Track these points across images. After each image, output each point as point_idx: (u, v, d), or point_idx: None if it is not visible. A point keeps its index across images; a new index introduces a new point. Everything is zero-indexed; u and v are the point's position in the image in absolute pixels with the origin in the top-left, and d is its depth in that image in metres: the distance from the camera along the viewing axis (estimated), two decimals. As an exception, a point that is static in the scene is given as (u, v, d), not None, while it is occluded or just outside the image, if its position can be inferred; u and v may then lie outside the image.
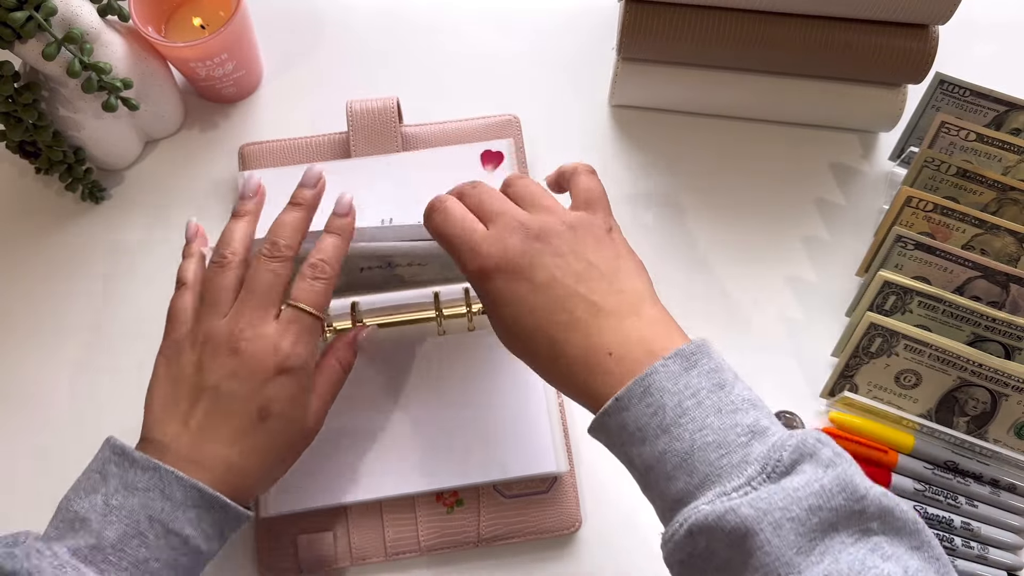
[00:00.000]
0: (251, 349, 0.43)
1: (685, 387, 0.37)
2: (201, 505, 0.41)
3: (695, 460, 0.36)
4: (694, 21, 0.58)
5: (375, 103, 0.61)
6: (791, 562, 0.32)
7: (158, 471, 0.40)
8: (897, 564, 0.32)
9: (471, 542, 0.53)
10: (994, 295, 0.56)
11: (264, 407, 0.43)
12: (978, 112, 0.61)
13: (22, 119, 0.56)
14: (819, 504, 0.33)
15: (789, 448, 0.35)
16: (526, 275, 0.41)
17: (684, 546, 0.35)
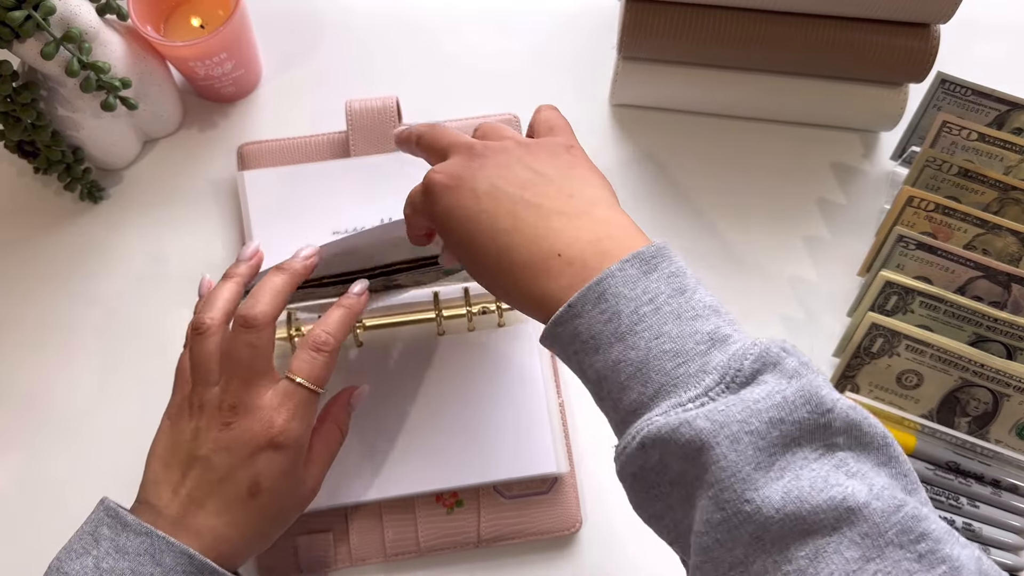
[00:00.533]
0: (243, 424, 0.42)
1: (643, 292, 0.35)
2: (191, 571, 0.40)
3: (650, 369, 0.34)
4: (695, 20, 0.58)
5: (375, 102, 0.60)
6: (748, 478, 0.30)
7: (150, 536, 0.40)
8: (862, 481, 0.30)
9: (471, 543, 0.53)
10: (996, 295, 0.56)
11: (254, 483, 0.42)
12: (980, 111, 0.61)
13: (20, 118, 0.56)
14: (781, 417, 0.31)
15: (751, 357, 0.33)
16: (468, 186, 0.40)
17: (636, 459, 0.34)
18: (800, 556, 0.29)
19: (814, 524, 0.30)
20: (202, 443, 0.43)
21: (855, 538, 0.29)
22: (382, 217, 0.58)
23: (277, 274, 0.46)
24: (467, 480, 0.53)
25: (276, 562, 0.53)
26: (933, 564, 0.29)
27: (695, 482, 0.32)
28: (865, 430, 0.32)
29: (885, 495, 0.30)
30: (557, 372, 0.57)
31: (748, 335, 0.35)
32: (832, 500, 0.30)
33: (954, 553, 0.29)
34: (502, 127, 0.44)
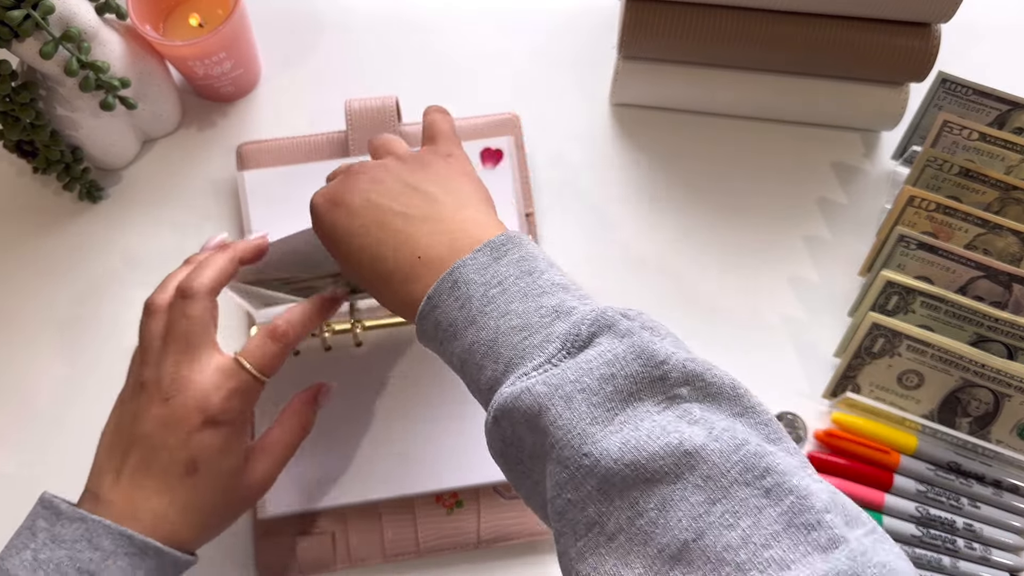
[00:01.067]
0: (180, 399, 0.42)
1: (492, 276, 0.36)
2: (133, 552, 0.40)
3: (499, 345, 0.35)
4: (695, 19, 0.58)
5: (374, 102, 0.60)
6: (584, 432, 0.31)
7: (85, 521, 0.40)
8: (703, 427, 0.31)
9: (471, 543, 0.53)
10: (997, 295, 0.56)
11: (191, 460, 0.42)
12: (981, 111, 0.61)
13: (19, 118, 0.56)
14: (612, 372, 0.32)
15: (587, 322, 0.34)
16: (344, 202, 0.42)
17: (495, 435, 0.35)
18: (650, 508, 0.30)
19: (655, 472, 0.30)
20: (142, 422, 0.42)
21: (697, 481, 0.30)
22: None
23: (221, 252, 0.46)
24: (466, 480, 0.53)
25: (275, 563, 0.53)
26: (781, 496, 0.29)
27: (544, 450, 0.33)
28: (709, 380, 0.32)
29: (725, 436, 0.30)
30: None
31: (593, 305, 0.36)
32: (668, 446, 0.30)
33: (802, 484, 0.29)
34: (391, 142, 0.46)
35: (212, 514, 0.43)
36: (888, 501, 0.53)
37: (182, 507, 0.42)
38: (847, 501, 0.30)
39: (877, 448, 0.54)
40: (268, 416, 0.55)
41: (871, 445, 0.54)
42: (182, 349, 0.43)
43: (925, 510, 0.54)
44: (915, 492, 0.54)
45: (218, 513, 0.44)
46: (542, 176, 0.63)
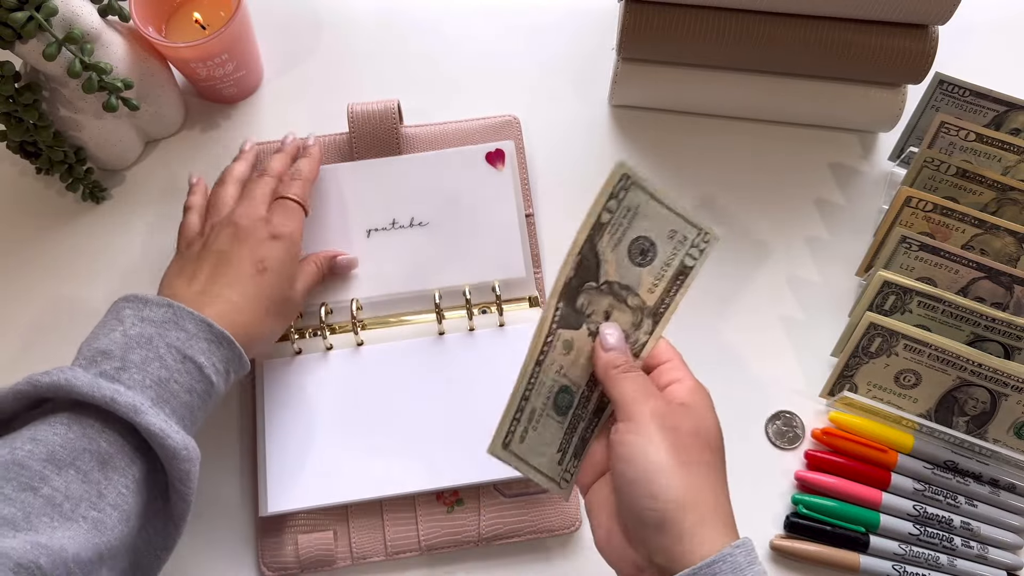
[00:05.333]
0: (247, 222, 0.51)
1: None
2: (211, 339, 0.46)
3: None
4: (694, 21, 0.58)
5: (376, 106, 0.60)
6: None
7: (171, 307, 0.46)
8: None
9: (471, 541, 0.53)
10: (998, 296, 0.56)
11: (260, 261, 0.50)
12: (978, 112, 0.61)
13: (23, 119, 0.57)
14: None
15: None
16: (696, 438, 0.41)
17: None
18: None
19: None
20: (214, 242, 0.51)
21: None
22: (393, 218, 0.58)
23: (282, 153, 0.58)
24: (467, 479, 0.53)
25: (277, 560, 0.53)
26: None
27: None
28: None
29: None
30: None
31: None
32: None
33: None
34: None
35: (270, 309, 0.51)
36: (885, 500, 0.54)
37: (248, 298, 0.49)
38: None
39: (875, 447, 0.55)
40: (273, 419, 0.55)
41: (869, 444, 0.55)
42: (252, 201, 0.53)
43: (922, 508, 0.54)
44: (912, 491, 0.54)
45: (274, 309, 0.51)
46: (542, 177, 0.63)
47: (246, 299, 0.49)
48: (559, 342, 0.42)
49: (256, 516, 0.54)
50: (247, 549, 0.54)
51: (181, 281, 0.49)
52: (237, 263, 0.50)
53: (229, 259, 0.50)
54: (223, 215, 0.52)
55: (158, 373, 0.44)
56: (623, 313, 0.43)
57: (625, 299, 0.43)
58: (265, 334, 0.51)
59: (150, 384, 0.43)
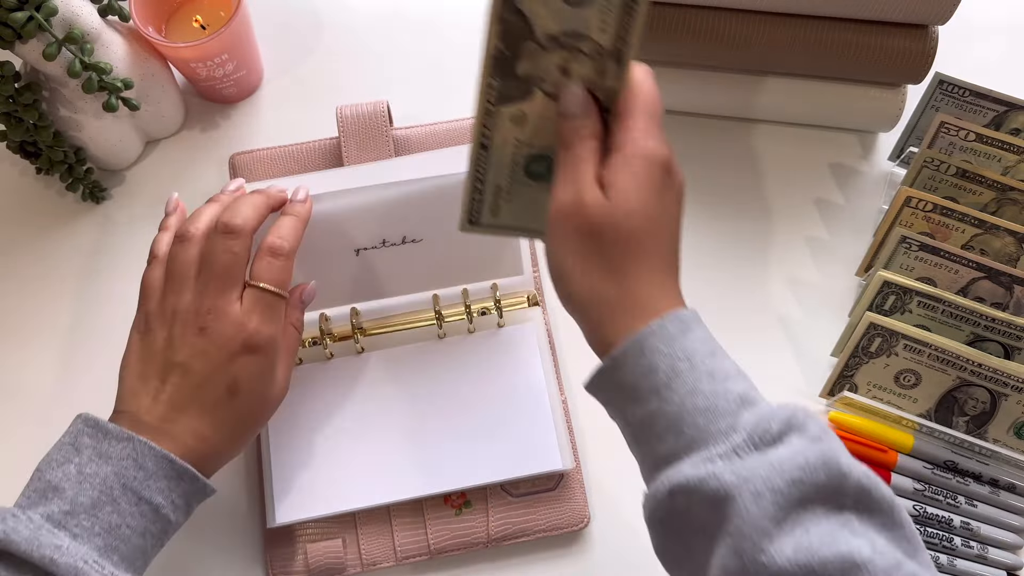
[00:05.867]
0: (218, 328, 0.44)
1: (680, 350, 0.37)
2: (172, 476, 0.42)
3: (684, 424, 0.36)
4: (694, 22, 0.58)
5: (365, 107, 0.60)
6: (764, 530, 0.33)
7: (132, 441, 0.42)
8: (865, 539, 0.33)
9: (481, 543, 0.53)
10: (998, 296, 0.56)
11: (232, 384, 0.44)
12: (977, 112, 0.61)
13: (23, 119, 0.57)
14: (801, 478, 0.33)
15: (778, 420, 0.35)
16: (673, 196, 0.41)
17: (664, 505, 0.36)
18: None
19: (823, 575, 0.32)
20: (178, 350, 0.44)
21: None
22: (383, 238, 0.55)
23: (258, 194, 0.48)
24: (474, 480, 0.53)
25: (286, 570, 0.53)
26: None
27: (716, 531, 0.34)
28: (875, 496, 0.34)
29: (887, 552, 0.32)
30: (559, 370, 0.57)
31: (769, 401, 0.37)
32: (839, 554, 0.32)
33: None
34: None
35: (244, 434, 0.46)
36: (885, 499, 0.54)
37: (222, 427, 0.45)
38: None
39: (874, 447, 0.55)
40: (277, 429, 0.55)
41: (868, 444, 0.55)
42: (221, 283, 0.45)
43: (923, 508, 0.54)
44: (912, 491, 0.54)
45: (248, 432, 0.47)
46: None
47: (216, 427, 0.44)
48: (504, 120, 0.40)
49: (263, 527, 0.54)
50: (256, 560, 0.54)
51: (144, 400, 0.44)
52: (204, 385, 0.44)
53: (195, 378, 0.44)
54: (185, 303, 0.45)
55: (109, 519, 0.40)
56: (582, 64, 0.39)
57: (579, 47, 0.39)
58: (239, 450, 0.47)
59: (99, 532, 0.40)
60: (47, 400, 0.58)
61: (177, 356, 0.44)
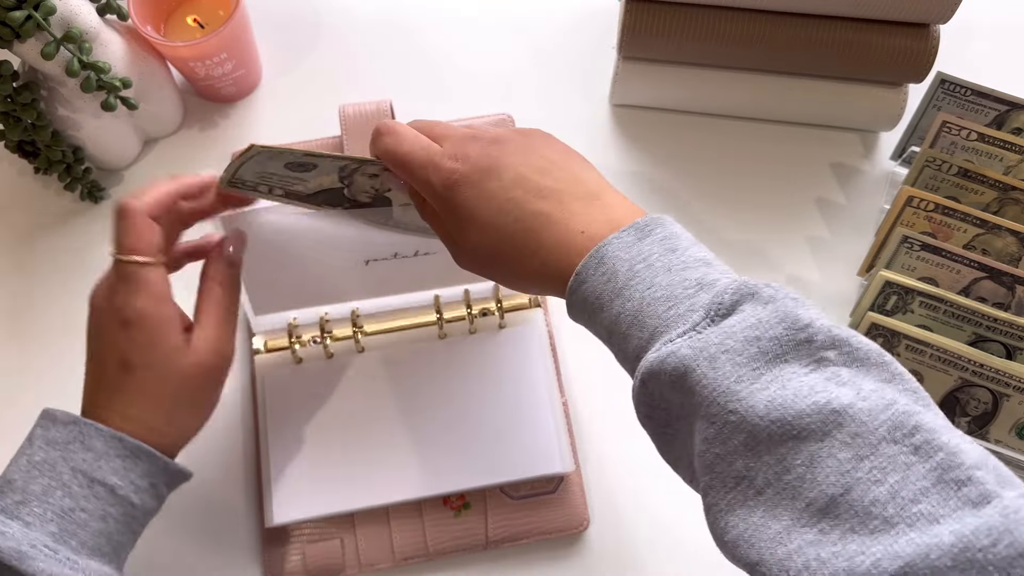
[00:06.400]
0: (97, 307, 0.44)
1: (637, 253, 0.38)
2: (125, 455, 0.41)
3: (645, 316, 0.36)
4: (695, 20, 0.58)
5: (368, 106, 0.60)
6: (729, 390, 0.32)
7: (77, 424, 0.42)
8: (851, 388, 0.31)
9: (479, 545, 0.53)
10: (1000, 296, 0.56)
11: (122, 361, 0.43)
12: (979, 112, 0.61)
13: (21, 118, 0.56)
14: (756, 335, 0.33)
15: (730, 291, 0.35)
16: (494, 175, 0.41)
17: (642, 399, 0.36)
18: (797, 464, 0.31)
19: (802, 429, 0.31)
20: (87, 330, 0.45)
21: (845, 439, 0.30)
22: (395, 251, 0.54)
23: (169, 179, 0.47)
24: (473, 482, 0.53)
25: (284, 570, 0.53)
26: (930, 453, 0.29)
27: (690, 409, 0.34)
28: (856, 346, 0.33)
29: (873, 396, 0.31)
30: (559, 372, 0.57)
31: (735, 277, 0.37)
32: (815, 404, 0.31)
33: (952, 441, 0.29)
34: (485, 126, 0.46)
35: (172, 403, 0.44)
36: (887, 500, 0.54)
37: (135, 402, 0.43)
38: (1000, 464, 0.30)
39: (876, 447, 0.54)
40: (276, 428, 0.55)
41: (870, 444, 0.55)
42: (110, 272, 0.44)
43: (924, 509, 0.54)
44: (914, 491, 0.54)
45: (174, 400, 0.44)
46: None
47: (134, 405, 0.43)
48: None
49: (261, 526, 0.53)
50: (254, 560, 0.54)
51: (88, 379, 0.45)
52: (102, 364, 0.43)
53: (95, 361, 0.44)
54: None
55: (61, 503, 0.40)
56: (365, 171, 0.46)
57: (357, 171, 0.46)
58: (191, 426, 0.45)
59: (52, 517, 0.39)
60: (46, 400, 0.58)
61: (87, 336, 0.45)
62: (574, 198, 0.41)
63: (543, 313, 0.57)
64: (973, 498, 0.28)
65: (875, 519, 0.28)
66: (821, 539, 0.29)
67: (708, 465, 0.33)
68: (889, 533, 0.28)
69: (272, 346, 0.55)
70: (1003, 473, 0.29)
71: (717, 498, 0.33)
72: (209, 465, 0.55)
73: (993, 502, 0.27)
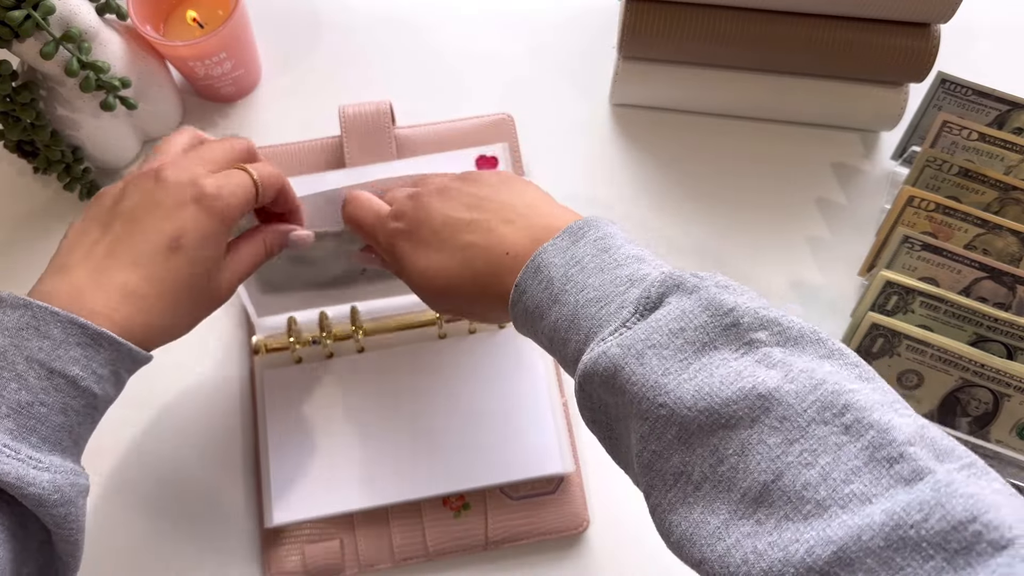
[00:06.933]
0: (174, 177, 0.41)
1: (571, 257, 0.38)
2: (86, 343, 0.37)
3: (579, 318, 0.36)
4: (695, 20, 0.58)
5: (368, 107, 0.60)
6: (657, 384, 0.32)
7: (29, 307, 0.37)
8: (780, 370, 0.31)
9: (479, 545, 0.53)
10: (1001, 296, 0.56)
11: (175, 236, 0.40)
12: (980, 111, 0.61)
13: (20, 118, 0.56)
14: (681, 326, 0.33)
15: (656, 284, 0.35)
16: (425, 225, 0.43)
17: (583, 403, 0.36)
18: (730, 454, 0.30)
19: (730, 417, 0.30)
20: (128, 197, 0.41)
21: (773, 423, 0.30)
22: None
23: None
24: (473, 483, 0.53)
25: (283, 571, 0.52)
26: (860, 432, 0.29)
27: (624, 409, 0.34)
28: (786, 325, 0.32)
29: (801, 377, 0.30)
30: (559, 372, 0.57)
31: (665, 269, 0.37)
32: (741, 391, 0.30)
33: (884, 418, 0.29)
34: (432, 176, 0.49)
35: (179, 303, 0.41)
36: (888, 501, 0.53)
37: (153, 283, 0.39)
38: (939, 435, 0.29)
39: (877, 448, 0.54)
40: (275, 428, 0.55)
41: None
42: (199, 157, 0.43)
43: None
44: (915, 492, 0.54)
45: (184, 304, 0.41)
46: (542, 176, 0.63)
47: (150, 284, 0.39)
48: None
49: (261, 527, 0.53)
50: (253, 561, 0.53)
51: (79, 251, 0.40)
52: (146, 232, 0.40)
53: (138, 225, 0.40)
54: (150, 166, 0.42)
55: (17, 397, 0.35)
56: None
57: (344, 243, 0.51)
58: (173, 328, 0.42)
59: (7, 412, 0.35)
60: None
61: (125, 204, 0.40)
62: (501, 222, 0.42)
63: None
64: (906, 475, 0.27)
65: (808, 503, 0.28)
66: (758, 530, 0.29)
67: (647, 464, 0.33)
68: (822, 517, 0.28)
69: (272, 346, 0.55)
70: (941, 446, 0.29)
71: (660, 498, 0.33)
72: (209, 465, 0.55)
73: (926, 478, 0.27)
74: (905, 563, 0.26)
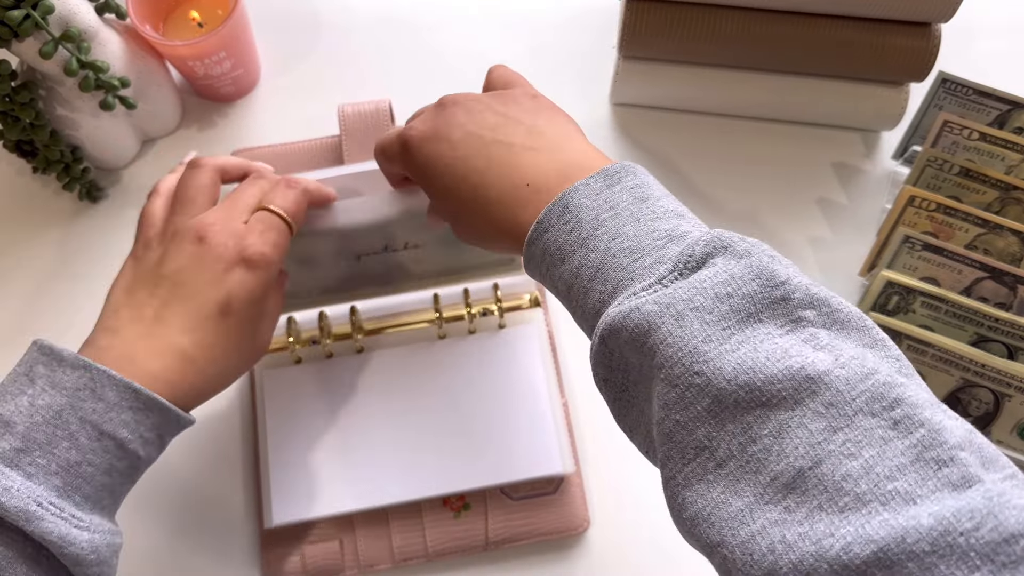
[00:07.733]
0: (217, 238, 0.41)
1: (605, 201, 0.35)
2: (137, 407, 0.38)
3: (608, 268, 0.34)
4: (695, 20, 0.58)
5: (367, 106, 0.60)
6: (696, 350, 0.30)
7: (89, 370, 0.37)
8: (829, 352, 0.29)
9: (479, 546, 0.53)
10: (1002, 296, 0.56)
11: (226, 301, 0.40)
12: (981, 111, 0.61)
13: (19, 118, 0.56)
14: (728, 292, 0.30)
15: (702, 243, 0.32)
16: (444, 136, 0.40)
17: (600, 359, 0.34)
18: (764, 434, 0.28)
19: (772, 396, 0.28)
20: (172, 259, 0.41)
21: (819, 408, 0.28)
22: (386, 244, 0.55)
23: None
24: (473, 483, 0.52)
25: (283, 572, 0.52)
26: (910, 429, 0.27)
27: (649, 372, 0.31)
28: (835, 307, 0.30)
29: (853, 364, 0.28)
30: (560, 372, 0.57)
31: (709, 229, 0.34)
32: (789, 369, 0.28)
33: (935, 418, 0.27)
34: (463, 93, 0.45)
35: (229, 362, 0.42)
36: (888, 501, 0.53)
37: (208, 349, 0.40)
38: (985, 442, 0.28)
39: (877, 448, 0.54)
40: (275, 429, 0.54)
41: (871, 445, 0.54)
42: (231, 206, 0.43)
43: (925, 510, 0.53)
44: (915, 492, 0.54)
45: (232, 362, 0.42)
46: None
47: (202, 349, 0.40)
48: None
49: (261, 527, 0.53)
50: (252, 561, 0.53)
51: (128, 311, 0.40)
52: (196, 297, 0.40)
53: (185, 289, 0.40)
54: (190, 215, 0.42)
55: (67, 456, 0.36)
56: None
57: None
58: (219, 387, 0.42)
59: (56, 470, 0.36)
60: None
61: (170, 266, 0.41)
62: (525, 150, 0.39)
63: (543, 313, 0.57)
64: (954, 480, 0.26)
65: (846, 495, 0.26)
66: (787, 518, 0.27)
67: (667, 434, 0.31)
68: (860, 512, 0.26)
69: (271, 346, 0.55)
70: (987, 453, 0.27)
71: (675, 470, 0.30)
72: (208, 466, 0.55)
73: (975, 486, 0.25)
74: (949, 571, 0.24)
